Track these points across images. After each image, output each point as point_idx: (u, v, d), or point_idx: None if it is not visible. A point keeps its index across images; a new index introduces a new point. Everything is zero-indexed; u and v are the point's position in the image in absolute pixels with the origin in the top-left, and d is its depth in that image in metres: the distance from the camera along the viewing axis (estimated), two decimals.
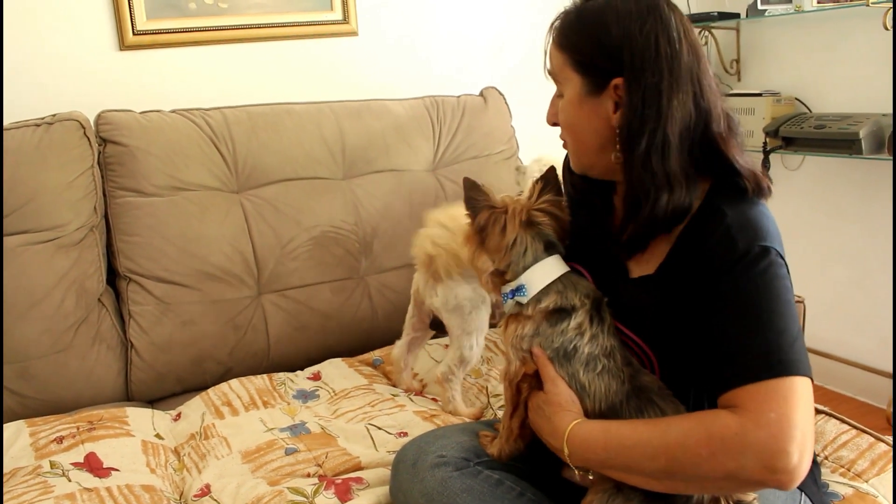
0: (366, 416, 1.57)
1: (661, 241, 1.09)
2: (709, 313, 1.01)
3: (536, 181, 1.15)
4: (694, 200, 1.07)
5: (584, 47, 1.07)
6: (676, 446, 0.95)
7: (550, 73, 1.14)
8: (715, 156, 1.06)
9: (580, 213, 1.20)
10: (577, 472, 1.07)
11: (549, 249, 1.12)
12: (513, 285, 1.11)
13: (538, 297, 1.09)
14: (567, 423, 1.05)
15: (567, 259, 1.15)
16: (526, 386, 1.12)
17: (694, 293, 1.03)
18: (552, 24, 1.12)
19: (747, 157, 1.08)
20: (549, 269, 1.11)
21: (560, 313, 1.08)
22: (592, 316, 1.08)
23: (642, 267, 1.12)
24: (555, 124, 1.16)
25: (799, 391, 0.93)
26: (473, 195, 1.14)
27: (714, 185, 1.08)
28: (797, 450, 0.90)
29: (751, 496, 1.03)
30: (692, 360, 1.04)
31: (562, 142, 1.18)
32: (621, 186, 1.13)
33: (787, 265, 1.03)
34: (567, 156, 1.23)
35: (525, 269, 1.10)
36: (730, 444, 0.92)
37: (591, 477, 1.07)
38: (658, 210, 1.04)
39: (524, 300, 1.10)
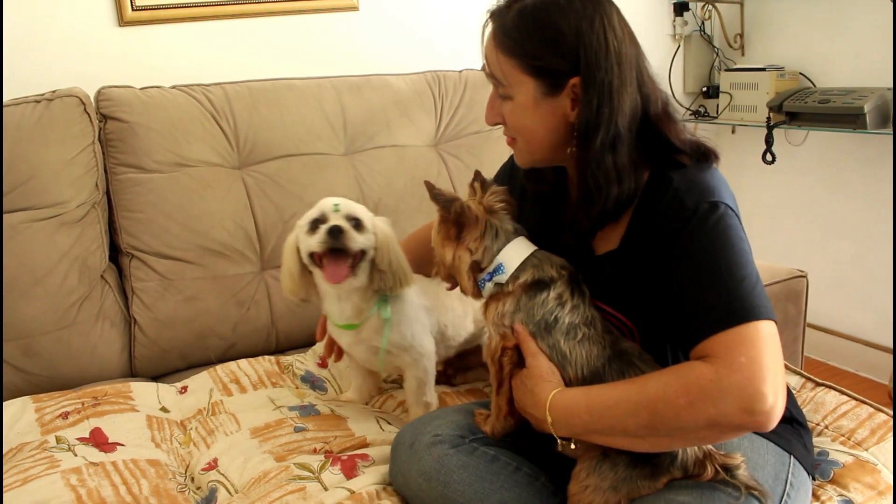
0: (376, 411, 1.57)
1: (621, 217, 1.12)
2: (670, 274, 1.04)
3: (472, 182, 1.19)
4: (643, 173, 1.10)
5: (536, 51, 1.06)
6: (657, 399, 0.98)
7: (492, 76, 1.12)
8: (654, 137, 1.09)
9: (535, 209, 1.24)
10: (560, 442, 1.08)
11: (517, 231, 1.16)
12: (489, 269, 1.14)
13: (516, 274, 1.12)
14: (548, 392, 1.07)
15: None
16: (507, 360, 1.14)
17: (654, 258, 1.06)
18: (484, 25, 1.12)
19: (688, 133, 1.12)
20: (520, 247, 1.14)
21: (538, 285, 1.11)
22: (573, 288, 1.11)
23: (606, 244, 1.15)
24: (495, 124, 1.16)
25: (764, 335, 0.96)
26: (438, 193, 1.14)
27: (659, 159, 1.11)
28: (771, 390, 0.93)
29: (738, 458, 1.05)
30: (667, 324, 1.07)
31: (507, 139, 1.18)
32: (573, 171, 1.15)
33: (739, 217, 1.06)
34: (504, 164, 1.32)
35: (499, 251, 1.13)
36: (707, 390, 0.94)
37: (573, 447, 1.09)
38: (609, 203, 1.08)
39: (503, 278, 1.13)
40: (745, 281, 0.99)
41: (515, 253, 1.13)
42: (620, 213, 1.11)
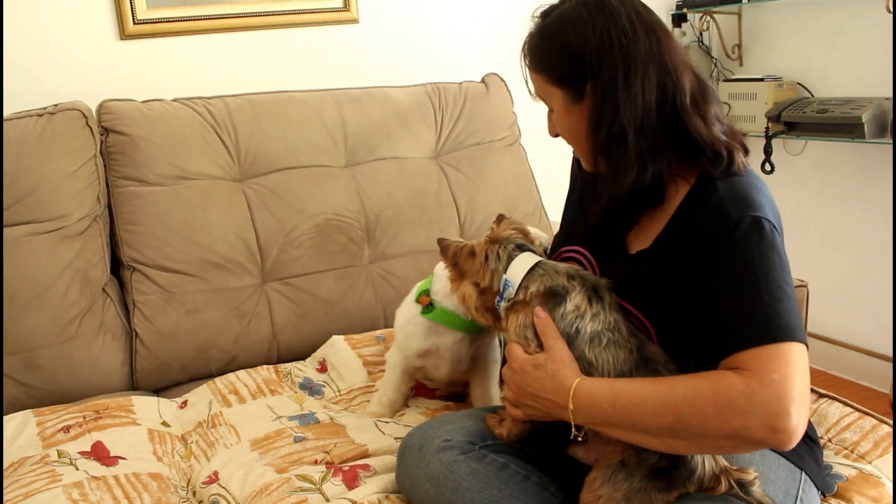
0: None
1: (657, 217, 1.13)
2: (706, 282, 1.04)
3: (493, 223, 1.26)
4: (689, 177, 1.11)
5: (553, 63, 1.13)
6: (684, 403, 0.98)
7: (536, 94, 1.20)
8: (679, 130, 1.09)
9: (584, 203, 1.25)
10: (573, 432, 1.08)
11: (520, 248, 1.18)
12: (499, 288, 1.16)
13: (525, 285, 1.13)
14: (572, 378, 1.06)
15: (570, 241, 1.22)
16: None
17: (689, 264, 1.06)
18: (522, 50, 1.18)
19: (719, 129, 1.11)
20: (524, 261, 1.15)
21: (555, 297, 1.11)
22: (591, 297, 1.11)
23: (639, 242, 1.15)
24: (556, 136, 1.21)
25: (796, 356, 0.96)
26: (444, 243, 1.26)
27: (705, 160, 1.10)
28: (796, 411, 0.93)
29: (752, 474, 1.05)
30: (688, 329, 1.07)
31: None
32: None
33: (781, 234, 1.07)
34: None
35: (505, 270, 1.16)
36: (737, 402, 0.94)
37: (580, 439, 1.09)
38: (620, 192, 1.09)
39: (512, 293, 1.14)
40: (782, 301, 0.99)
41: (519, 266, 1.15)
42: (637, 209, 1.12)
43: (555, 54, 1.12)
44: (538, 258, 1.16)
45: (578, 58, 1.09)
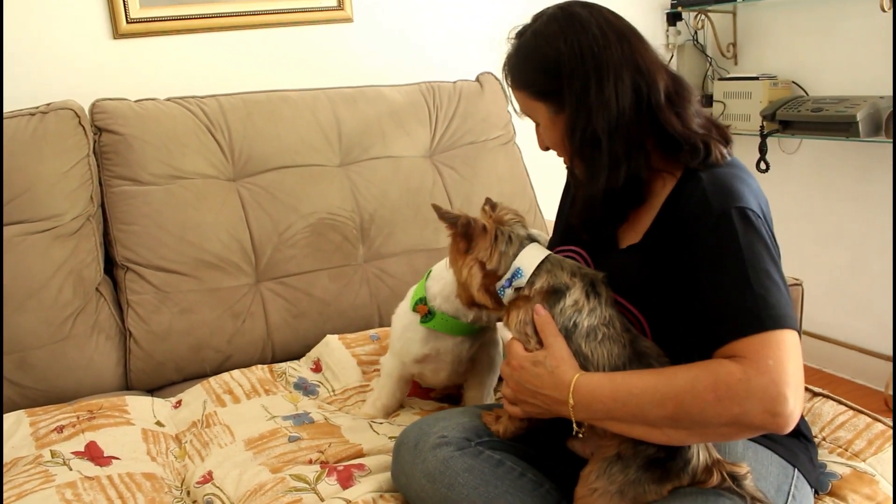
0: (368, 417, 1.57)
1: (647, 212, 1.15)
2: (695, 275, 1.05)
3: (483, 206, 1.25)
4: (675, 171, 1.13)
5: (532, 79, 1.17)
6: (685, 392, 0.99)
7: (521, 112, 1.23)
8: (657, 127, 1.12)
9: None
10: (575, 427, 1.09)
11: (530, 237, 1.19)
12: (508, 275, 1.15)
13: (532, 280, 1.13)
14: (571, 374, 1.07)
15: (565, 242, 1.22)
16: None
17: (677, 256, 1.08)
18: (503, 70, 1.21)
19: (697, 123, 1.13)
20: (535, 252, 1.16)
21: (556, 294, 1.11)
22: (588, 292, 1.12)
23: (630, 237, 1.17)
24: (547, 149, 1.24)
25: (789, 342, 0.98)
26: (445, 212, 1.20)
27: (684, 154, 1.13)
28: (792, 395, 0.95)
29: (744, 468, 1.05)
30: (680, 321, 1.08)
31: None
32: None
33: (768, 223, 1.08)
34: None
35: (515, 255, 1.16)
36: (735, 389, 0.96)
37: (581, 435, 1.09)
38: (592, 192, 1.13)
39: (523, 282, 1.14)
40: (772, 289, 1.01)
41: (531, 257, 1.15)
42: (619, 208, 1.14)
43: (532, 70, 1.16)
44: (547, 251, 1.16)
45: (555, 70, 1.12)
